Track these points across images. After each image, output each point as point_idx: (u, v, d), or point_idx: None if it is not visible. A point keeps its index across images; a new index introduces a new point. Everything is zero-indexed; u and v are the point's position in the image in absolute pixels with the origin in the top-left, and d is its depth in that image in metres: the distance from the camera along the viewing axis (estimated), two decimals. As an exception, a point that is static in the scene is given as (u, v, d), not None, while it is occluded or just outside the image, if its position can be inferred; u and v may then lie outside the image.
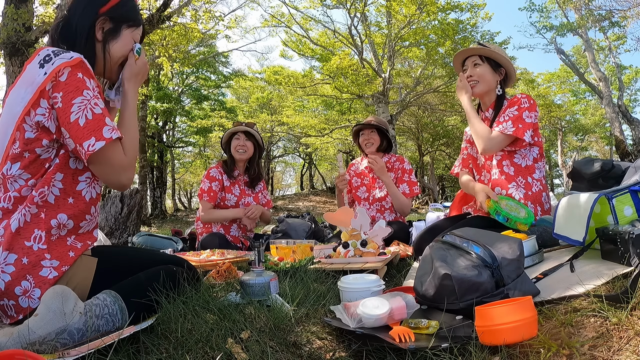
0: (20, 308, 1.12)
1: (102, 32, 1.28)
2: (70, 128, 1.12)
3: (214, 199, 2.90)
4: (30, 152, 1.16)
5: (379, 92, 11.25)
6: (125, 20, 1.32)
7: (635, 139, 11.47)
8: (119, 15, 1.30)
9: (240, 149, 2.95)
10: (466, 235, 1.31)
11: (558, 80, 19.86)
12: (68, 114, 1.12)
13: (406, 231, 2.80)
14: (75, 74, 1.14)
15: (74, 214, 1.21)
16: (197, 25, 8.19)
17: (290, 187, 34.86)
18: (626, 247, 1.22)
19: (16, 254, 1.11)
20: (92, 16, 1.26)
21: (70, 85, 1.13)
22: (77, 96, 1.13)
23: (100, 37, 1.28)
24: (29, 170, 1.17)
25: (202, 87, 18.02)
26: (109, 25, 1.29)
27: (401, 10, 10.37)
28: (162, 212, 14.68)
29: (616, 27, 11.77)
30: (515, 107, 2.04)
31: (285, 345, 1.08)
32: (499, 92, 2.14)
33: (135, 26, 1.35)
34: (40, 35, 5.67)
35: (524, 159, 2.10)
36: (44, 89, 1.13)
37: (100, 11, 1.27)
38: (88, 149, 1.12)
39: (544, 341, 0.96)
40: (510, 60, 2.13)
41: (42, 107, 1.13)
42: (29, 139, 1.15)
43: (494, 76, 2.13)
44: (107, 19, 1.28)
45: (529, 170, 2.09)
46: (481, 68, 2.12)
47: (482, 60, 2.13)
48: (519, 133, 1.98)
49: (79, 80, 1.14)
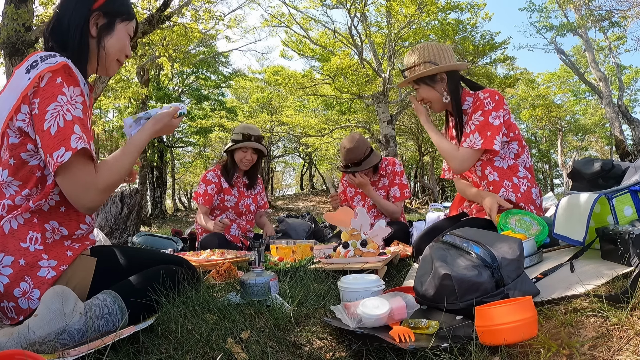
0: (20, 309, 1.12)
1: (96, 27, 1.27)
2: (42, 136, 1.08)
3: (210, 202, 2.88)
4: (16, 157, 1.14)
5: (379, 92, 11.24)
6: (118, 14, 1.30)
7: (635, 139, 11.47)
8: (112, 10, 1.28)
9: (246, 162, 2.91)
10: (466, 235, 1.31)
11: (558, 80, 19.88)
12: (42, 122, 1.08)
13: (406, 231, 2.80)
14: (54, 79, 1.10)
15: (65, 222, 1.21)
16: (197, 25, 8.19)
17: (290, 187, 34.87)
18: (626, 247, 1.22)
19: (12, 256, 1.11)
20: (85, 12, 1.24)
21: (47, 92, 1.10)
22: (51, 102, 1.09)
23: (95, 33, 1.27)
24: (17, 178, 1.15)
25: (202, 87, 18.03)
26: (103, 20, 1.27)
27: (401, 10, 10.37)
28: (162, 212, 14.68)
29: (616, 27, 11.77)
30: (480, 112, 1.94)
31: (285, 345, 1.08)
32: (447, 100, 2.05)
33: (129, 20, 1.34)
34: (40, 35, 5.65)
35: (504, 159, 2.04)
36: (26, 94, 1.11)
37: (93, 7, 1.25)
38: (57, 159, 1.06)
39: (544, 341, 0.96)
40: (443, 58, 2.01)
41: (22, 113, 1.11)
42: (14, 144, 1.13)
43: (433, 90, 2.05)
44: (101, 14, 1.27)
45: (512, 170, 2.03)
46: (420, 90, 2.08)
47: (417, 83, 2.08)
48: (488, 145, 1.90)
49: (56, 86, 1.10)
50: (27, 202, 1.15)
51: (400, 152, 20.14)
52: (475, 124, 1.94)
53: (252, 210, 3.05)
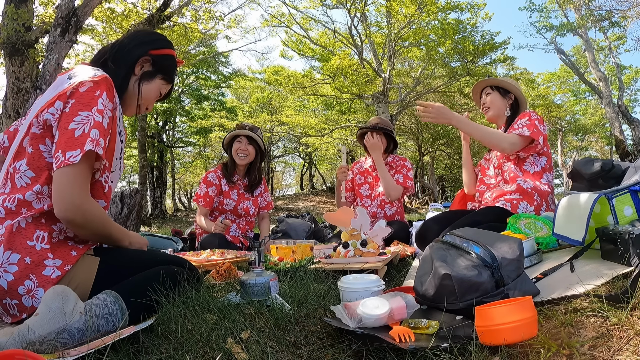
0: (23, 307, 1.13)
1: (140, 68, 1.38)
2: (63, 134, 1.12)
3: (210, 204, 2.88)
4: (34, 147, 1.18)
5: (379, 92, 11.24)
6: (163, 71, 1.43)
7: (635, 139, 11.47)
8: (161, 64, 1.41)
9: (241, 153, 2.90)
10: (466, 235, 1.31)
11: (558, 80, 19.87)
12: (69, 121, 1.13)
13: (406, 231, 2.80)
14: (94, 90, 1.17)
15: None
16: (197, 25, 8.19)
17: (290, 187, 34.87)
18: (626, 247, 1.22)
19: (19, 254, 1.12)
20: (143, 52, 1.37)
21: (85, 98, 1.16)
22: (84, 109, 1.15)
23: (138, 72, 1.38)
24: (32, 168, 1.18)
25: (202, 87, 18.01)
26: (149, 67, 1.39)
27: (401, 10, 10.37)
28: (162, 212, 14.68)
29: (616, 27, 11.76)
30: (527, 118, 2.17)
31: (285, 345, 1.08)
32: (508, 114, 2.34)
33: (167, 82, 1.46)
34: (40, 35, 5.66)
35: (533, 166, 2.22)
36: (64, 93, 1.17)
37: (150, 52, 1.38)
38: (69, 158, 1.10)
39: (544, 341, 0.96)
40: (518, 87, 2.36)
41: (54, 108, 1.16)
42: (34, 134, 1.18)
43: (502, 101, 2.35)
44: (150, 61, 1.39)
45: (535, 176, 2.19)
46: (491, 96, 2.37)
47: (492, 89, 2.38)
48: (535, 135, 2.09)
49: (93, 97, 1.16)
50: (36, 200, 1.16)
51: (400, 152, 20.14)
52: (524, 123, 2.15)
53: (252, 213, 3.02)
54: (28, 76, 5.58)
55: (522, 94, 2.36)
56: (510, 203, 2.09)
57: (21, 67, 5.55)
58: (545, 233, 1.78)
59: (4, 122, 5.53)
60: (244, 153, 2.91)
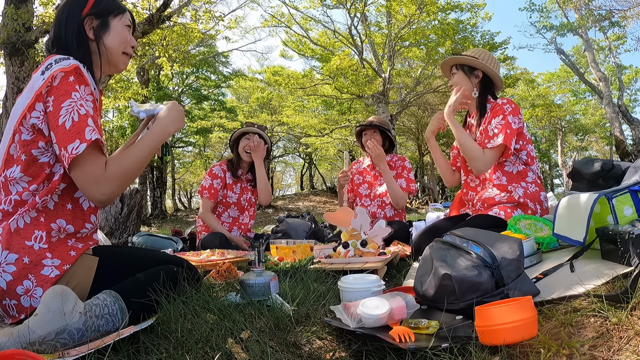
0: (22, 307, 1.12)
1: (92, 30, 1.31)
2: (57, 132, 1.12)
3: (215, 196, 2.91)
4: (27, 154, 1.16)
5: (379, 92, 11.24)
6: (109, 11, 1.34)
7: (635, 139, 11.47)
8: (101, 10, 1.33)
9: (249, 150, 2.94)
10: (466, 235, 1.31)
11: (558, 80, 19.88)
12: (57, 117, 1.12)
13: (406, 231, 2.80)
14: (67, 78, 1.15)
15: (72, 220, 1.22)
16: (197, 25, 8.18)
17: (290, 187, 34.84)
18: (626, 247, 1.22)
19: (17, 254, 1.12)
20: (77, 21, 1.29)
21: (61, 89, 1.14)
22: (66, 99, 1.13)
23: (92, 35, 1.31)
24: (28, 173, 1.17)
25: (202, 87, 18.00)
26: (96, 22, 1.32)
27: (401, 10, 10.37)
28: (162, 212, 14.67)
29: (616, 27, 11.76)
30: (501, 117, 2.04)
31: (285, 345, 1.08)
32: (475, 95, 2.17)
33: (121, 13, 1.37)
34: (40, 35, 5.65)
35: (514, 165, 2.13)
36: (40, 92, 1.15)
37: (83, 13, 1.30)
38: (72, 152, 1.10)
39: (544, 341, 0.96)
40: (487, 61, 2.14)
41: (36, 111, 1.15)
42: (25, 141, 1.16)
43: (467, 81, 2.17)
44: (93, 17, 1.31)
45: (521, 175, 2.12)
46: (457, 75, 2.19)
47: (457, 68, 2.20)
48: (507, 140, 1.99)
49: (69, 84, 1.15)
50: (33, 198, 1.16)
51: (400, 152, 20.14)
52: (498, 127, 2.03)
53: (254, 202, 3.10)
54: (28, 76, 5.57)
55: (490, 68, 2.12)
56: (504, 212, 2.03)
57: (21, 67, 5.55)
58: (546, 233, 1.78)
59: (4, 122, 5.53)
60: (251, 150, 2.94)
